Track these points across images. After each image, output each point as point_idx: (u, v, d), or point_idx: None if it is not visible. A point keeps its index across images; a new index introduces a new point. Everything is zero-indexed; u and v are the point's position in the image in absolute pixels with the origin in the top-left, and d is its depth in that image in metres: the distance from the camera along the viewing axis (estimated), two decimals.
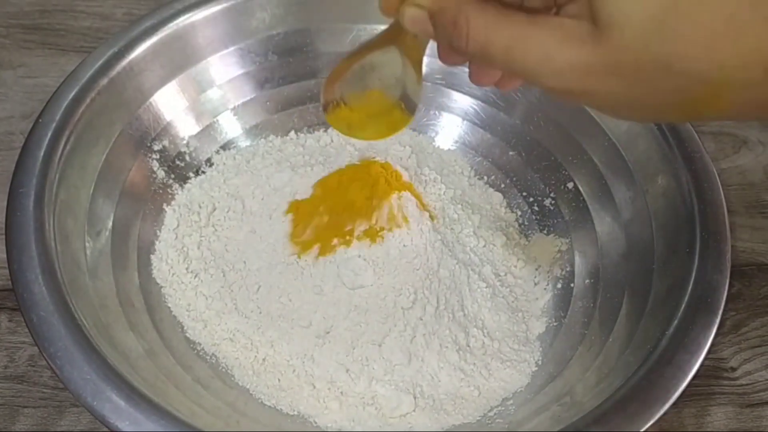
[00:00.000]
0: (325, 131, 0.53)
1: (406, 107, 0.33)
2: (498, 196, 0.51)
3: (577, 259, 0.47)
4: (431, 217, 0.45)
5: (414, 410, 0.39)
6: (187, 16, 0.46)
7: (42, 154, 0.38)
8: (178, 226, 0.46)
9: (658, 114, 0.27)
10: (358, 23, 0.51)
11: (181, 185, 0.48)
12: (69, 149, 0.39)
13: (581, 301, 0.45)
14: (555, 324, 0.45)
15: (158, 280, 0.43)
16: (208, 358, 0.41)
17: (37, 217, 0.35)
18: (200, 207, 0.47)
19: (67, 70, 0.42)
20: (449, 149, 0.53)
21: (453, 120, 0.53)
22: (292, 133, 0.52)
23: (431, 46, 0.29)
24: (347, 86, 0.32)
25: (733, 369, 0.46)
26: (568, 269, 0.47)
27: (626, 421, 0.32)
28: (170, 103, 0.47)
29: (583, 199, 0.48)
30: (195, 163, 0.49)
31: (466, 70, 0.30)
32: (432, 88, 0.52)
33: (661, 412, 0.32)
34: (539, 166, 0.50)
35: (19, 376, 0.42)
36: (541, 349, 0.44)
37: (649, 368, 0.34)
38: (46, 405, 0.41)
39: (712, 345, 0.34)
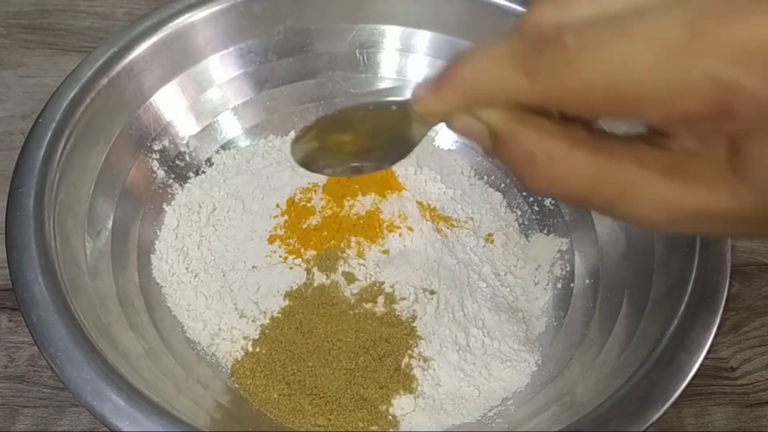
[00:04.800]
0: None
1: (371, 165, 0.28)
2: (498, 196, 0.51)
3: (577, 259, 0.47)
4: (431, 217, 0.45)
5: (414, 410, 0.39)
6: (187, 16, 0.46)
7: (42, 154, 0.38)
8: (178, 225, 0.46)
9: None
10: (358, 23, 0.51)
11: (181, 185, 0.48)
12: (69, 149, 0.39)
13: (581, 301, 0.45)
14: (555, 324, 0.45)
15: (158, 280, 0.43)
16: (208, 358, 0.41)
17: (37, 217, 0.35)
18: (200, 207, 0.47)
19: (67, 70, 0.42)
20: (449, 149, 0.53)
21: None
22: (292, 133, 0.52)
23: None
24: (329, 124, 0.27)
25: (733, 369, 0.46)
26: (568, 269, 0.47)
27: (626, 421, 0.32)
28: (170, 103, 0.47)
29: None
30: (195, 162, 0.49)
31: None
32: None
33: (661, 412, 0.32)
34: None
35: (19, 376, 0.42)
36: (541, 349, 0.44)
37: (649, 368, 0.34)
38: (46, 405, 0.41)
39: (712, 345, 0.34)
